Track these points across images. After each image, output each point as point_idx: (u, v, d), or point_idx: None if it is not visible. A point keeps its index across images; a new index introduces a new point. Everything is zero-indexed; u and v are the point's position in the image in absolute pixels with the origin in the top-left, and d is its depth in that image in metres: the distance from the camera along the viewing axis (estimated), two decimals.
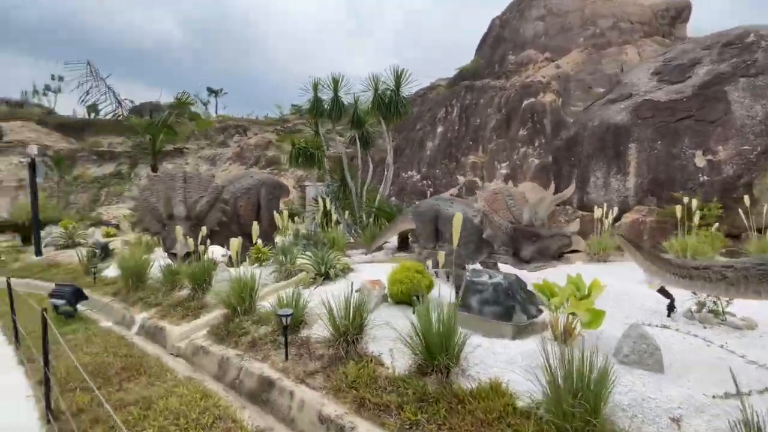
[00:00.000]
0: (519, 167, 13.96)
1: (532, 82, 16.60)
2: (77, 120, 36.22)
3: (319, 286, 5.45)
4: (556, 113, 14.74)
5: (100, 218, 20.09)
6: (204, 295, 5.98)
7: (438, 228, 5.71)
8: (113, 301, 6.78)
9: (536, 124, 14.36)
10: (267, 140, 29.68)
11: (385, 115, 9.07)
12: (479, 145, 16.11)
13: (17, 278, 9.50)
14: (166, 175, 8.17)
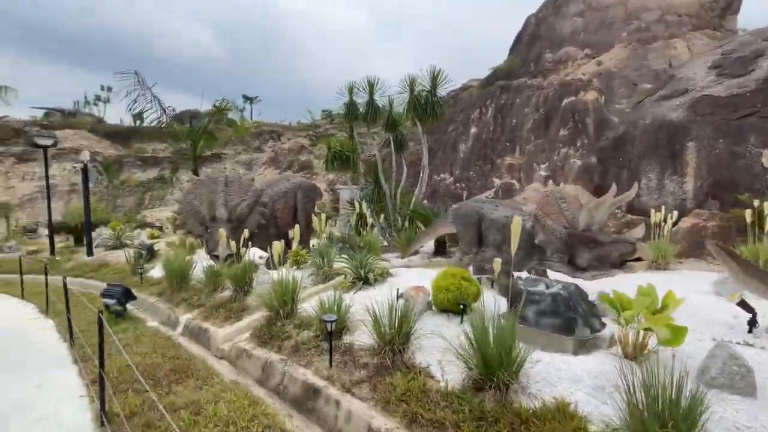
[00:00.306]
0: (559, 169, 13.33)
1: (572, 80, 15.90)
2: (124, 128, 38.40)
3: (359, 290, 5.33)
4: (599, 112, 14.00)
5: (145, 220, 21.10)
6: (245, 297, 6.03)
7: (481, 232, 5.46)
8: (158, 301, 6.98)
9: (578, 124, 13.68)
10: (300, 145, 30.23)
11: (421, 116, 8.90)
12: (516, 146, 15.57)
13: (71, 277, 10.07)
14: (208, 179, 8.37)
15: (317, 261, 6.99)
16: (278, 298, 4.68)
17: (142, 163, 31.32)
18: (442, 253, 7.99)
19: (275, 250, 5.05)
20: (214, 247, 7.16)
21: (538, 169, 14.07)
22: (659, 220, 6.59)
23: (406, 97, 9.40)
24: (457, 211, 5.88)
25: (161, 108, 12.68)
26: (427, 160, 9.34)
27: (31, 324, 6.09)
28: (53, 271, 10.72)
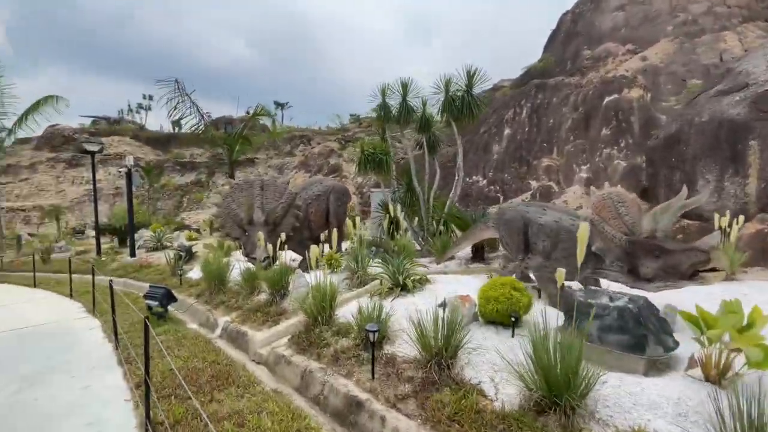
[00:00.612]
0: (602, 170, 12.59)
1: (614, 77, 15.09)
2: (164, 134, 40.24)
3: (396, 297, 5.14)
4: (644, 110, 13.18)
5: (183, 223, 21.88)
6: (282, 300, 6.00)
7: (527, 238, 5.15)
8: (197, 302, 7.08)
9: (621, 123, 12.91)
10: (330, 149, 30.55)
11: (457, 116, 8.64)
12: (553, 147, 14.92)
13: (115, 277, 10.49)
14: (245, 183, 8.47)
15: (351, 265, 6.89)
16: (316, 303, 4.57)
17: (181, 168, 32.66)
18: (480, 259, 7.67)
19: (312, 254, 4.95)
20: (252, 249, 7.21)
21: (578, 171, 13.37)
22: (724, 226, 6.01)
23: (439, 98, 9.17)
24: (500, 216, 5.59)
25: (199, 114, 13.07)
26: (462, 161, 9.04)
27: (79, 323, 6.31)
28: (99, 271, 11.23)
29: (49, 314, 6.89)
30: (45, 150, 33.54)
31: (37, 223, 27.14)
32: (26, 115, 15.74)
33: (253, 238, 7.32)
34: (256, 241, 7.17)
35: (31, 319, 6.55)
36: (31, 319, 6.61)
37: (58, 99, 16.69)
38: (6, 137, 15.85)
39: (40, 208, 28.10)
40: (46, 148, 33.67)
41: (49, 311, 7.15)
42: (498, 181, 15.80)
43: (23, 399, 3.53)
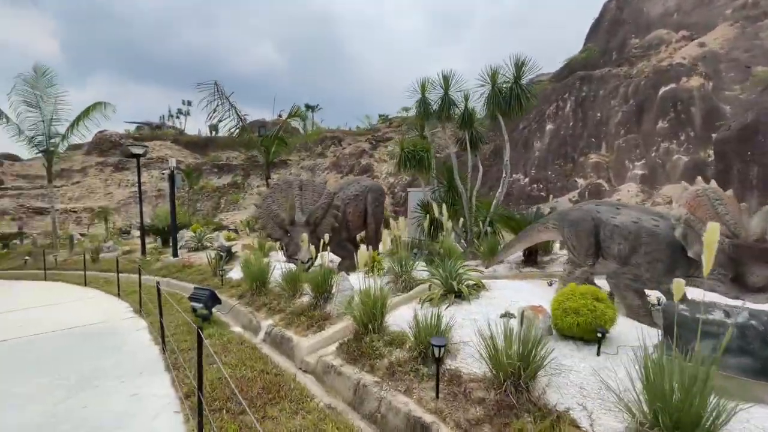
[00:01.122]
0: (660, 166, 11.57)
1: (669, 66, 13.88)
2: (201, 138, 41.68)
3: (451, 305, 4.75)
4: (706, 100, 12.01)
5: (221, 223, 22.41)
6: (325, 304, 5.75)
7: (598, 241, 4.62)
8: (239, 304, 6.98)
9: (680, 114, 11.81)
10: (361, 149, 30.48)
11: (505, 110, 8.13)
12: (601, 142, 13.93)
13: (159, 277, 10.71)
14: (284, 183, 8.35)
15: (395, 268, 6.56)
16: (366, 310, 4.26)
17: (218, 170, 33.65)
18: (533, 263, 7.13)
19: (361, 258, 4.65)
20: (294, 250, 7.04)
21: (632, 167, 12.36)
22: None
23: (484, 91, 8.70)
24: (564, 216, 5.08)
25: (238, 116, 13.21)
26: (509, 158, 8.51)
27: (126, 323, 6.35)
28: (144, 270, 11.54)
29: (98, 313, 7.02)
30: (94, 155, 35.57)
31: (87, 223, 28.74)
32: (78, 121, 16.56)
33: (296, 238, 7.15)
34: (299, 242, 7.00)
35: (81, 318, 6.68)
36: (82, 318, 6.74)
37: (105, 105, 17.48)
38: (60, 142, 16.74)
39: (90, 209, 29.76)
40: (95, 153, 35.70)
41: (98, 310, 7.28)
42: (541, 179, 14.99)
43: (72, 407, 3.44)
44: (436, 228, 9.44)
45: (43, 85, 16.40)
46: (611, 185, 12.84)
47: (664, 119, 12.45)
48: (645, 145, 12.76)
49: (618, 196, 11.82)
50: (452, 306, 4.75)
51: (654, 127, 12.68)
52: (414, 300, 5.62)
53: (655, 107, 13.02)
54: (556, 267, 7.12)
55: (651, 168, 12.26)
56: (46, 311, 7.55)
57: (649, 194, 10.92)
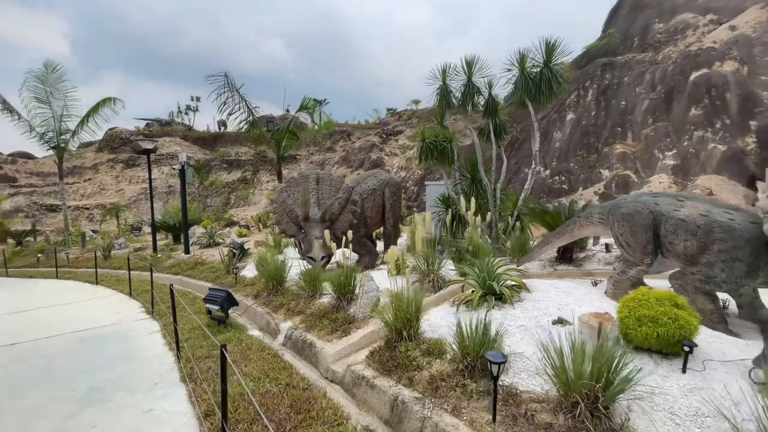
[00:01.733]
0: (693, 156, 10.87)
1: (699, 50, 13.10)
2: (210, 133, 41.57)
3: (492, 309, 4.30)
4: (742, 85, 11.28)
5: (232, 219, 22.19)
6: (349, 305, 5.36)
7: (658, 237, 4.12)
8: (256, 304, 6.62)
9: (715, 101, 11.11)
10: (371, 143, 29.99)
11: (535, 96, 7.59)
12: (627, 131, 13.24)
13: (170, 275, 10.45)
14: (300, 177, 7.95)
15: (421, 267, 6.14)
16: (401, 315, 3.84)
17: (227, 166, 33.49)
18: (568, 260, 6.64)
19: (391, 257, 4.23)
20: (309, 248, 6.64)
21: (662, 157, 11.67)
22: None
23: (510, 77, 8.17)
24: (614, 209, 4.58)
25: (248, 108, 12.82)
26: (538, 147, 8.00)
27: (139, 325, 6.04)
28: (156, 268, 11.30)
29: (110, 315, 6.72)
30: (105, 152, 35.66)
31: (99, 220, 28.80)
32: (87, 116, 16.36)
33: (310, 235, 6.75)
34: (313, 239, 6.60)
35: (92, 320, 6.39)
36: (93, 319, 6.45)
37: (115, 101, 17.25)
38: (70, 138, 16.57)
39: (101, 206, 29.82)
40: (107, 150, 35.79)
41: (110, 311, 7.00)
42: (563, 171, 14.36)
43: (79, 425, 3.09)
44: (458, 224, 8.99)
45: (53, 80, 16.23)
46: (639, 176, 12.20)
47: (698, 106, 11.74)
48: (676, 134, 12.07)
49: (649, 188, 11.21)
50: (493, 310, 4.30)
51: (686, 115, 11.98)
52: (445, 302, 5.19)
53: (686, 94, 12.31)
54: (593, 264, 6.62)
55: (683, 158, 11.58)
56: (57, 312, 7.29)
57: (683, 185, 10.29)
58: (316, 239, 6.74)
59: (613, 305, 4.37)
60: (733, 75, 11.67)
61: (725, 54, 12.42)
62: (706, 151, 11.08)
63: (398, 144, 28.74)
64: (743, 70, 11.98)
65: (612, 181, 12.38)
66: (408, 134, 29.48)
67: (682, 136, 11.83)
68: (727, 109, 11.21)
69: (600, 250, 7.16)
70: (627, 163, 12.99)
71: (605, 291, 4.76)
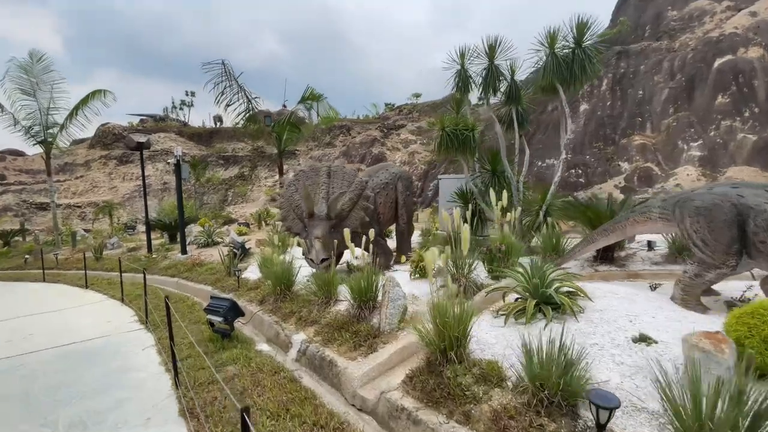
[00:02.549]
0: (721, 147, 10.25)
1: (721, 37, 12.46)
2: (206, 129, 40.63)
3: (550, 322, 3.64)
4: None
5: (230, 216, 21.42)
6: (371, 315, 4.69)
7: (745, 234, 3.47)
8: (262, 311, 5.94)
9: (742, 89, 10.51)
10: (372, 137, 29.23)
11: (566, 78, 6.94)
12: (646, 122, 12.60)
13: (166, 276, 9.73)
14: (310, 170, 7.26)
15: (450, 270, 5.48)
16: (448, 332, 3.17)
17: (224, 162, 32.59)
18: (610, 259, 6.00)
19: (428, 259, 3.56)
20: (308, 247, 5.96)
21: (687, 148, 11.03)
22: None
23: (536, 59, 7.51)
24: (685, 203, 3.93)
25: (247, 99, 12.06)
26: (570, 136, 7.38)
27: (131, 338, 5.34)
28: (151, 269, 10.58)
29: (99, 324, 6.02)
30: (98, 148, 34.65)
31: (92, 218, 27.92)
32: (76, 109, 15.51)
33: (311, 234, 6.05)
34: (313, 239, 5.91)
35: (78, 331, 5.69)
36: (79, 330, 5.75)
37: (105, 93, 16.39)
38: (58, 133, 15.72)
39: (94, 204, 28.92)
40: (99, 147, 34.77)
41: (99, 320, 6.29)
42: (579, 164, 13.72)
43: None
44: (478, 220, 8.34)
45: (38, 71, 15.34)
46: (662, 169, 11.59)
47: (724, 94, 11.13)
48: (702, 123, 11.45)
49: (676, 181, 10.61)
50: (552, 323, 3.64)
51: (711, 104, 11.37)
52: (484, 311, 4.54)
53: (710, 81, 11.69)
54: (637, 264, 5.99)
55: (710, 148, 10.98)
56: (40, 321, 6.58)
57: (713, 177, 9.71)
58: (316, 239, 6.04)
59: (690, 314, 3.74)
60: (759, 61, 11.09)
61: (750, 40, 11.82)
62: (735, 141, 10.49)
63: (400, 138, 28.02)
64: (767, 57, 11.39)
65: (633, 174, 11.77)
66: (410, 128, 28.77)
67: (707, 125, 11.23)
68: (755, 97, 10.62)
69: (640, 248, 6.53)
70: (647, 155, 12.37)
71: (672, 297, 4.13)
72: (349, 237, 4.87)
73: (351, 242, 6.11)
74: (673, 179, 10.61)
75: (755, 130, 10.15)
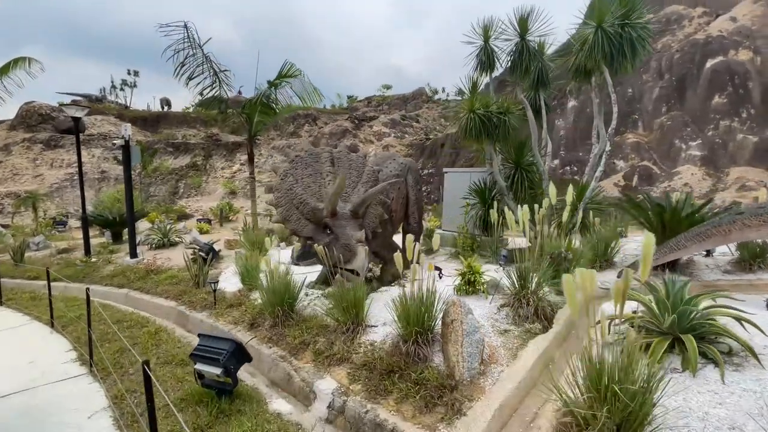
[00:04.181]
0: (721, 147, 10.12)
1: (709, 39, 12.52)
2: (152, 113, 36.67)
3: (723, 373, 2.58)
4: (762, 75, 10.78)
5: (185, 211, 18.90)
6: (431, 352, 3.43)
7: None
8: (257, 340, 4.46)
9: (738, 89, 10.51)
10: (342, 128, 27.59)
11: (616, 59, 6.09)
12: (638, 120, 12.41)
13: (114, 287, 7.72)
14: (308, 156, 5.80)
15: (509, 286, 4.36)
16: (618, 408, 2.00)
17: (174, 150, 29.30)
18: (671, 268, 5.18)
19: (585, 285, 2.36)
20: (347, 256, 4.54)
21: (685, 147, 10.87)
22: None
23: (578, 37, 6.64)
24: None
25: (214, 71, 10.11)
26: (614, 125, 6.67)
27: (69, 391, 3.62)
28: (91, 277, 8.45)
29: (17, 368, 4.18)
30: (20, 130, 29.76)
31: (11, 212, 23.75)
32: None
33: (347, 238, 4.62)
34: (354, 244, 4.52)
35: None
36: None
37: (30, 61, 13.39)
38: None
39: (14, 195, 24.64)
40: (22, 128, 29.89)
41: (18, 360, 4.42)
42: (573, 161, 13.27)
43: None
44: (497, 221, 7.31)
45: None
46: (660, 167, 11.35)
47: (721, 94, 11.10)
48: (698, 123, 11.36)
49: (681, 180, 10.34)
50: (728, 370, 2.58)
51: (705, 104, 11.33)
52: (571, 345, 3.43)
53: (702, 82, 11.66)
54: (703, 272, 5.25)
55: (711, 149, 10.87)
56: None
57: (717, 177, 9.57)
58: (359, 244, 4.61)
59: None
60: (750, 64, 11.20)
61: (738, 43, 11.95)
62: (735, 141, 10.46)
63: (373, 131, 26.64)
64: (757, 60, 11.56)
65: (633, 172, 11.45)
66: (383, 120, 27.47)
67: (704, 125, 11.16)
68: (750, 99, 10.70)
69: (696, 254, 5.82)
70: (642, 153, 12.15)
71: None
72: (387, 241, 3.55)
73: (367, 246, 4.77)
74: (677, 178, 10.39)
75: (753, 131, 10.18)
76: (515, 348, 3.62)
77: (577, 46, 6.66)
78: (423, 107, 31.86)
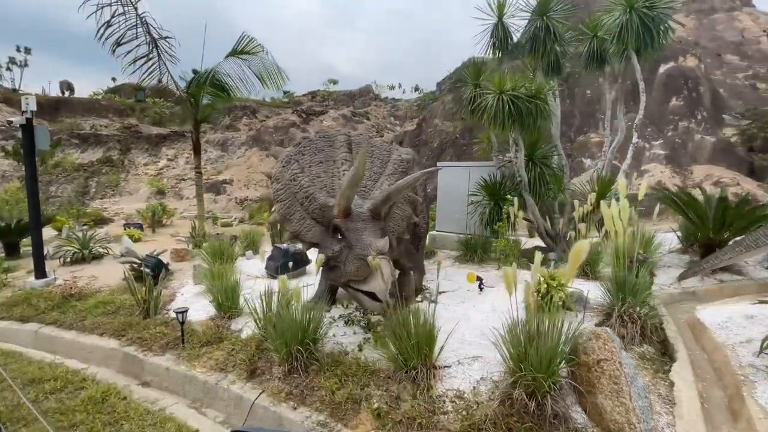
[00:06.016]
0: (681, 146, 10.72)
1: None
2: (49, 98, 30.79)
3: None
4: (708, 81, 11.65)
5: (101, 215, 15.64)
6: (566, 407, 2.43)
7: None
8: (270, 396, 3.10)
9: (692, 93, 11.25)
10: (289, 121, 25.49)
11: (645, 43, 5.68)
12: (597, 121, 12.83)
13: (15, 322, 5.49)
14: (321, 139, 4.43)
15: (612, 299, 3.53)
16: None
17: (81, 142, 24.65)
18: None
19: None
20: (363, 272, 3.27)
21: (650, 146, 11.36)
22: None
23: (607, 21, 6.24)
24: None
25: (151, 37, 8.04)
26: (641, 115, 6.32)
27: None
28: None
29: None
30: None
31: None
32: None
33: (363, 244, 3.31)
34: (373, 254, 3.20)
35: None
36: None
37: None
38: None
39: None
40: None
41: None
42: None
43: None
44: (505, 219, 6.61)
45: None
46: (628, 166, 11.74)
47: (678, 97, 11.76)
48: (655, 124, 11.92)
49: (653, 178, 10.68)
50: None
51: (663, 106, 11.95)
52: None
53: (657, 85, 12.31)
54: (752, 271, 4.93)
55: (673, 148, 11.42)
56: None
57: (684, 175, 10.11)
58: (380, 255, 3.32)
59: None
60: (698, 69, 12.10)
61: (686, 50, 12.86)
62: (694, 141, 11.13)
63: (323, 126, 24.97)
64: (702, 67, 12.55)
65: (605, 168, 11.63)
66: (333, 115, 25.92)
67: (663, 126, 11.77)
68: (702, 102, 11.50)
69: None
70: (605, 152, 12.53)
71: None
72: None
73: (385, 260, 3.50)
74: (648, 176, 10.79)
75: (708, 132, 10.96)
76: (652, 384, 2.77)
77: (599, 30, 6.19)
78: (371, 104, 30.94)
